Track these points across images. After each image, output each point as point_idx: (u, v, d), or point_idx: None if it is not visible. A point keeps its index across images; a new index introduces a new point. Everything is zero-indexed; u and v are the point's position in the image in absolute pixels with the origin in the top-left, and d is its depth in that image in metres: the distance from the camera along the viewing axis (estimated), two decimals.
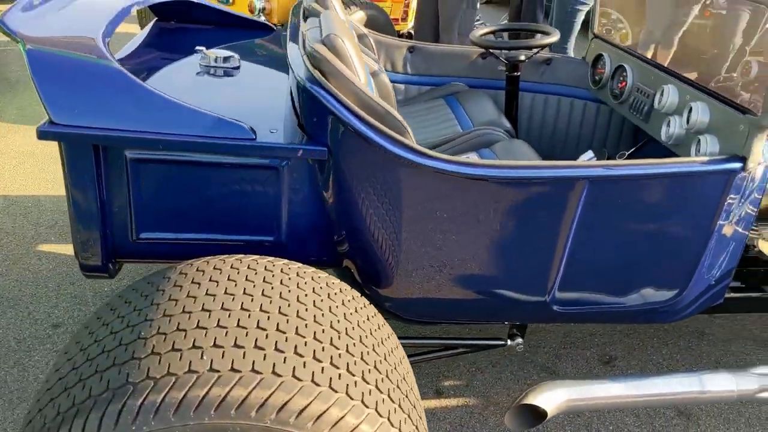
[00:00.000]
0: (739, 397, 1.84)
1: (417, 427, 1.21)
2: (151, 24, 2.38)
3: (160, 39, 2.22)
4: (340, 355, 1.15)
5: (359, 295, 1.43)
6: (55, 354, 2.22)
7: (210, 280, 1.27)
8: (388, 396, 1.16)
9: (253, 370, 1.06)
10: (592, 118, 2.69)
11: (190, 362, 1.06)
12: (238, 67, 1.96)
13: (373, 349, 1.25)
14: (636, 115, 2.25)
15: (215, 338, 1.11)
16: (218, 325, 1.14)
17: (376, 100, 1.48)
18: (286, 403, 1.03)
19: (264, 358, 1.09)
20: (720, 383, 1.83)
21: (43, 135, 1.34)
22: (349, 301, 1.36)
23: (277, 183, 1.53)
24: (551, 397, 1.73)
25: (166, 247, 1.58)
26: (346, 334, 1.23)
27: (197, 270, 1.31)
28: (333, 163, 1.48)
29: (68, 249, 2.86)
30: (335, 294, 1.34)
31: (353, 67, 1.54)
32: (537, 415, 1.73)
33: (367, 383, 1.14)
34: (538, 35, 2.44)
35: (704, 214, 1.72)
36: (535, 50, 2.38)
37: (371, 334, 1.29)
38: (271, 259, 1.38)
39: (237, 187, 1.52)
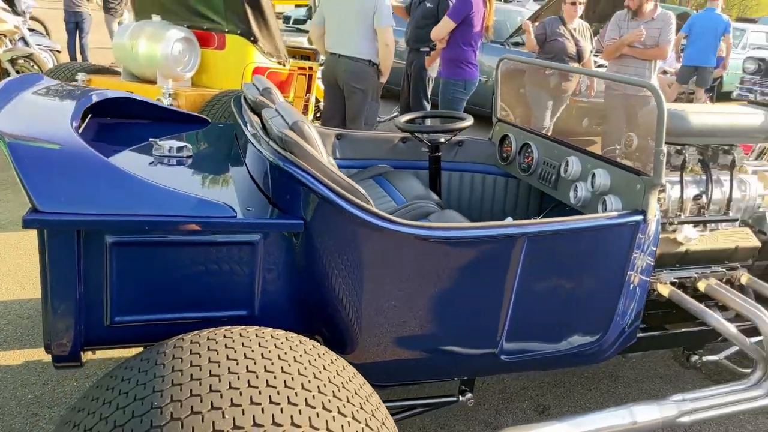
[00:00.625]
0: (663, 423, 2.08)
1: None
2: (87, 120, 2.43)
3: (102, 133, 2.28)
4: (323, 401, 1.26)
5: (327, 350, 1.52)
6: None
7: (208, 349, 1.34)
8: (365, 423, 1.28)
9: (274, 423, 1.14)
10: (501, 190, 3.00)
11: (213, 422, 1.12)
12: (190, 156, 2.07)
13: (344, 387, 1.36)
14: (545, 184, 2.57)
15: (231, 398, 1.18)
16: (230, 387, 1.21)
17: (342, 177, 1.65)
18: None
19: (281, 412, 1.17)
20: (647, 413, 2.06)
21: (29, 224, 1.37)
22: (322, 356, 1.46)
23: (253, 258, 1.62)
24: None
25: (140, 330, 1.60)
26: (329, 382, 1.33)
27: (192, 342, 1.37)
28: (307, 234, 1.61)
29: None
30: (313, 354, 1.44)
31: (318, 149, 1.71)
32: None
33: (344, 416, 1.25)
34: (455, 121, 2.75)
35: (617, 262, 2.01)
36: (454, 133, 2.68)
37: (341, 378, 1.40)
38: (257, 327, 1.47)
39: (213, 265, 1.60)
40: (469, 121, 2.63)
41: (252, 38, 5.20)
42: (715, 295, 2.38)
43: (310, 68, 6.03)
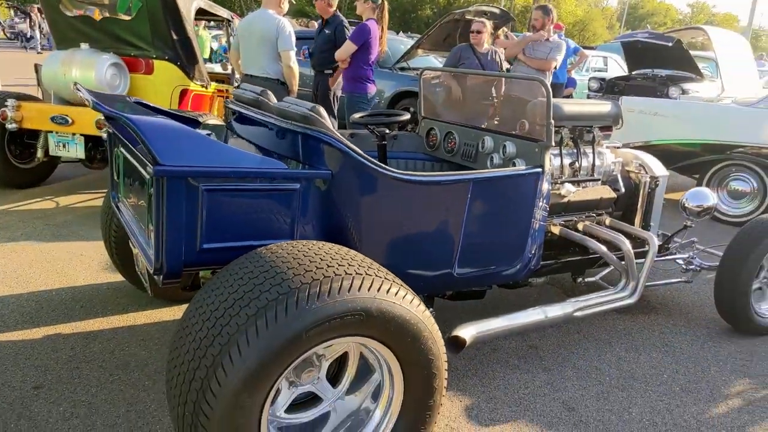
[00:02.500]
0: (565, 316, 2.97)
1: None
2: None
3: None
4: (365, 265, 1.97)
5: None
6: None
7: (291, 247, 2.02)
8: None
9: (347, 273, 1.86)
10: (429, 170, 3.85)
11: (322, 273, 1.82)
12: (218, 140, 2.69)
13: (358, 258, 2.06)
14: (467, 159, 3.44)
15: (322, 265, 1.88)
16: (319, 261, 1.91)
17: (353, 144, 2.38)
18: (361, 285, 1.84)
19: (347, 267, 1.88)
20: (554, 311, 2.94)
21: (159, 173, 1.98)
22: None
23: (295, 200, 2.30)
24: (466, 331, 2.67)
25: (219, 254, 2.22)
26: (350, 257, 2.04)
27: (278, 247, 2.04)
28: (332, 181, 2.33)
29: (6, 337, 3.09)
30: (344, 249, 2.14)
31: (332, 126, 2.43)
32: (459, 343, 2.64)
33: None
34: (397, 116, 3.56)
35: (528, 202, 2.89)
36: (397, 126, 3.49)
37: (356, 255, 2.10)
38: (313, 241, 2.16)
39: (268, 206, 2.26)
40: (407, 115, 3.45)
41: (179, 63, 5.74)
42: (590, 231, 3.35)
43: (227, 90, 6.62)
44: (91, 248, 4.41)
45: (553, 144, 2.92)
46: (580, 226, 3.39)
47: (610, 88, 11.93)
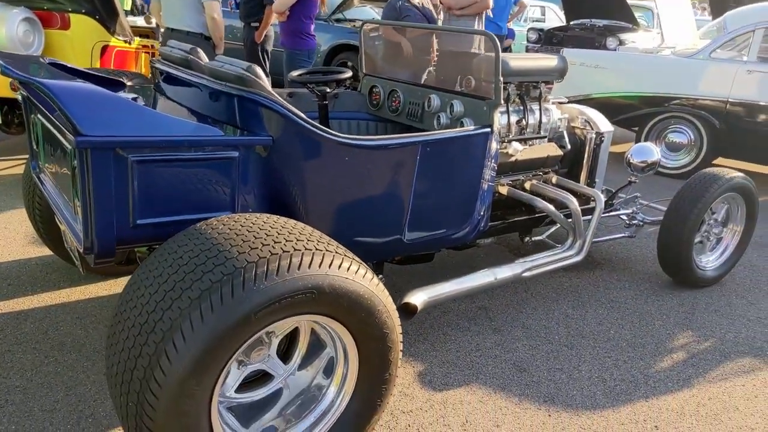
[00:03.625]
0: (513, 277, 2.96)
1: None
2: None
3: None
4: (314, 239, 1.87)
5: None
6: None
7: (233, 221, 1.89)
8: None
9: (295, 249, 1.75)
10: (372, 131, 3.73)
11: (269, 250, 1.71)
12: (146, 105, 2.49)
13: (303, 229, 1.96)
14: (413, 119, 3.33)
15: (269, 241, 1.76)
16: (265, 236, 1.79)
17: (293, 107, 2.24)
18: (311, 261, 1.75)
19: (296, 243, 1.78)
20: (503, 272, 2.93)
21: (81, 144, 1.80)
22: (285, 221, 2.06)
23: (234, 169, 2.16)
24: (417, 298, 2.62)
25: (155, 230, 2.07)
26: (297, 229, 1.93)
27: (218, 221, 1.91)
28: (273, 147, 2.19)
29: None
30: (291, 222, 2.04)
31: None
32: (410, 310, 2.59)
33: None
34: (337, 74, 3.40)
35: (477, 163, 2.83)
36: (339, 83, 3.34)
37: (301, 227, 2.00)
38: (258, 214, 2.04)
39: (205, 177, 2.11)
40: (349, 73, 3.30)
41: (97, 17, 5.34)
42: (537, 190, 3.33)
43: (153, 46, 6.24)
44: (16, 220, 4.13)
45: (501, 102, 2.85)
46: (527, 186, 3.37)
47: (548, 39, 11.97)
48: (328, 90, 3.36)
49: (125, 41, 5.67)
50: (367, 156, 2.41)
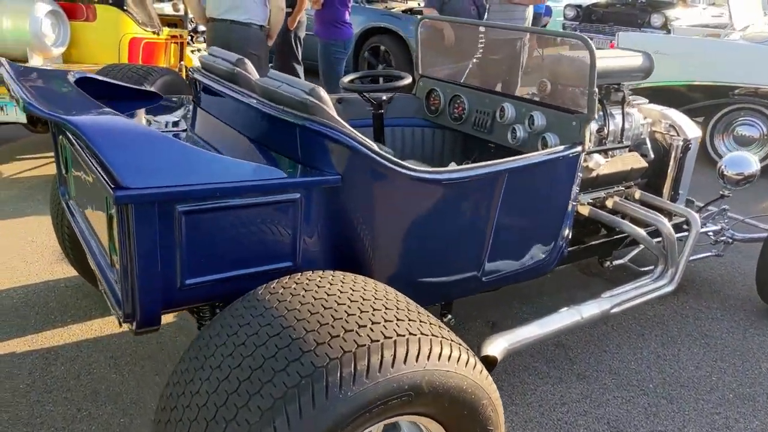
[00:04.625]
0: (601, 315, 2.59)
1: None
2: None
3: None
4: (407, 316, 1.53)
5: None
6: None
7: (302, 288, 1.55)
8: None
9: (398, 335, 1.41)
10: (429, 140, 3.36)
11: (354, 340, 1.37)
12: (185, 129, 2.16)
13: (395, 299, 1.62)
14: (480, 129, 2.95)
15: (351, 322, 1.42)
16: (345, 314, 1.45)
17: (361, 136, 1.88)
18: (407, 354, 1.40)
19: (385, 326, 1.43)
20: (589, 310, 2.56)
21: (121, 200, 1.47)
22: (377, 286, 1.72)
23: (296, 214, 1.82)
24: (496, 347, 2.27)
25: (206, 289, 1.75)
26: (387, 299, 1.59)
27: (285, 287, 1.57)
28: (342, 187, 1.84)
29: None
30: (373, 285, 1.69)
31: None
32: (489, 362, 2.25)
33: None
34: (395, 79, 3.02)
35: (566, 187, 2.45)
36: (397, 91, 2.96)
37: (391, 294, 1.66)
38: (327, 272, 1.69)
39: (263, 224, 1.78)
40: (408, 78, 2.93)
41: (124, 7, 5.01)
42: (621, 209, 2.94)
43: (181, 36, 5.91)
44: (41, 231, 3.86)
45: (595, 117, 2.46)
46: (609, 204, 2.97)
47: (587, 16, 11.39)
48: (384, 97, 2.99)
49: (154, 32, 5.34)
50: (447, 190, 2.05)
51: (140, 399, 2.43)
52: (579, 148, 2.43)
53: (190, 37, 6.20)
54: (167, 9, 6.69)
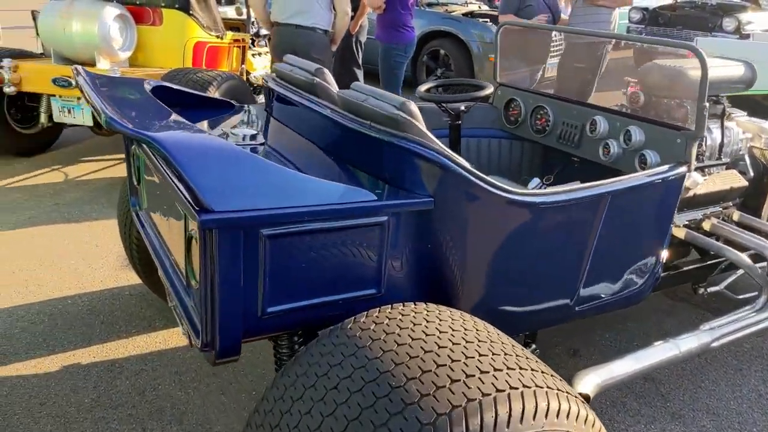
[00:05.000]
0: (700, 348, 2.37)
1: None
2: None
3: None
4: (517, 363, 1.36)
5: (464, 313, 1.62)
6: None
7: (396, 324, 1.41)
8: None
9: (511, 387, 1.25)
10: (506, 152, 3.18)
11: (463, 393, 1.21)
12: (263, 143, 2.04)
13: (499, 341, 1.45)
14: (567, 143, 2.76)
15: (457, 369, 1.27)
16: (448, 359, 1.30)
17: (458, 158, 1.73)
18: (523, 411, 1.23)
19: (495, 375, 1.27)
20: (688, 343, 2.33)
21: (207, 224, 1.36)
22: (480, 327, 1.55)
23: (382, 238, 1.68)
24: (588, 383, 2.08)
25: (288, 317, 1.63)
26: (491, 341, 1.43)
27: (377, 322, 1.43)
28: (435, 210, 1.69)
29: (5, 372, 2.55)
30: (473, 324, 1.53)
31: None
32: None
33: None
34: (474, 88, 2.86)
35: (669, 209, 2.25)
36: (477, 101, 2.80)
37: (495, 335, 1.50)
38: (419, 304, 1.55)
39: (347, 248, 1.65)
40: (491, 88, 2.76)
41: (190, 11, 4.99)
42: (719, 232, 2.70)
43: (243, 40, 5.87)
44: (106, 235, 3.85)
45: (704, 134, 2.24)
46: (706, 226, 2.74)
47: (653, 19, 10.98)
48: (463, 108, 2.83)
49: (218, 36, 5.31)
50: (548, 213, 1.88)
51: (206, 420, 2.33)
52: (684, 169, 2.22)
53: (251, 41, 6.16)
54: (230, 13, 6.68)
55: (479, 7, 9.52)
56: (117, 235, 3.85)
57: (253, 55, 6.31)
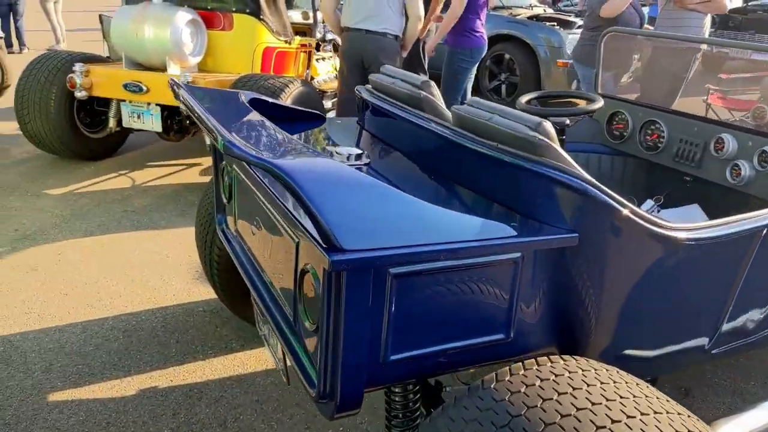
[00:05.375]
0: None
1: None
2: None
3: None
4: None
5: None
6: None
7: (556, 390, 1.20)
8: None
9: None
10: (608, 169, 2.93)
11: None
12: (368, 163, 1.87)
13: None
14: (684, 162, 2.51)
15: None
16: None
17: (604, 188, 1.51)
18: None
19: None
20: None
21: (338, 265, 1.18)
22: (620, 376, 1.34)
23: (515, 277, 1.48)
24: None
25: (408, 366, 1.44)
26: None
27: (527, 383, 1.23)
28: (580, 247, 1.48)
29: (81, 394, 2.44)
30: (639, 389, 1.31)
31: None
32: None
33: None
34: (587, 103, 2.63)
35: None
36: (584, 115, 2.57)
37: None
38: (571, 359, 1.34)
39: (477, 289, 1.45)
40: (600, 102, 2.53)
41: (261, 16, 4.89)
42: None
43: (310, 44, 5.75)
44: (176, 245, 3.76)
45: None
46: None
47: (723, 23, 10.53)
48: (567, 122, 2.60)
49: (286, 41, 5.20)
50: (701, 248, 1.65)
51: None
52: None
53: (315, 46, 6.05)
54: (296, 17, 6.57)
55: (544, 10, 9.22)
56: (187, 245, 3.76)
57: (317, 59, 6.20)
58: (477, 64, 5.50)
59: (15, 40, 10.42)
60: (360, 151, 1.86)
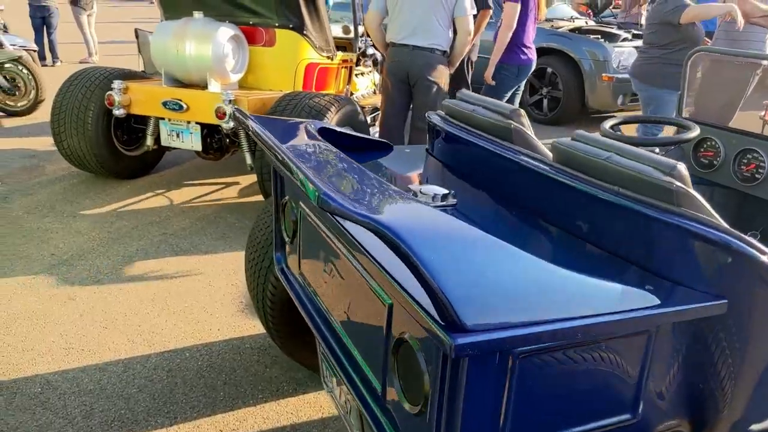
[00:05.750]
0: None
1: None
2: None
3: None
4: None
5: None
6: None
7: None
8: None
9: None
10: None
11: None
12: (455, 204, 1.65)
13: None
14: None
15: None
16: None
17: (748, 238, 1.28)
18: None
19: None
20: None
21: (462, 350, 0.96)
22: None
23: (645, 351, 1.25)
24: None
25: None
26: None
27: None
28: (728, 314, 1.24)
29: None
30: None
31: None
32: None
33: None
34: (682, 132, 2.39)
35: None
36: (676, 145, 2.33)
37: None
38: None
39: (605, 366, 1.22)
40: (696, 131, 2.28)
41: (304, 32, 4.72)
42: None
43: (351, 60, 5.57)
44: (218, 273, 3.58)
45: None
46: None
47: None
48: (657, 151, 2.36)
49: (328, 57, 5.03)
50: None
51: None
52: None
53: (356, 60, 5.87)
54: (336, 31, 6.40)
55: (586, 22, 8.95)
56: (230, 272, 3.58)
57: (356, 75, 6.02)
58: (523, 82, 5.28)
59: (48, 53, 10.46)
60: (446, 192, 1.64)
